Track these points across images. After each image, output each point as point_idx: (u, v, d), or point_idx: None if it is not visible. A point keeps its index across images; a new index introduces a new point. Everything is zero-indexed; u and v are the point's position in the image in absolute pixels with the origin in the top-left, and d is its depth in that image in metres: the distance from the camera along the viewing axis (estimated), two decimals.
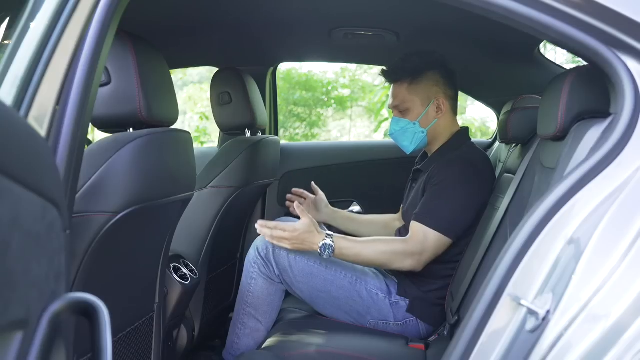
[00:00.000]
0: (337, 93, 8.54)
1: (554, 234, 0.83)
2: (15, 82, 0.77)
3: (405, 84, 1.70)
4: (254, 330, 1.69)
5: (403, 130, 1.72)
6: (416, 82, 1.69)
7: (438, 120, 1.71)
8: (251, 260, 1.68)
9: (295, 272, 1.65)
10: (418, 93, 1.69)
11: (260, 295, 1.68)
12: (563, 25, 0.87)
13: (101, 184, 1.05)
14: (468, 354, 0.84)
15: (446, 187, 1.59)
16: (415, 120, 1.70)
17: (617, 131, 0.85)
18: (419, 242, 1.56)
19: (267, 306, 1.69)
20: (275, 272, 1.66)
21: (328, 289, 1.65)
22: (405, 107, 1.70)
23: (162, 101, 1.20)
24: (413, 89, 1.69)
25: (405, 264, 1.56)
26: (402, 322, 1.65)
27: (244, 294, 1.70)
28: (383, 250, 1.58)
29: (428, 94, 1.70)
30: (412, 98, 1.70)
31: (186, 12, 1.72)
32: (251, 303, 1.69)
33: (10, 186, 0.48)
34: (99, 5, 0.83)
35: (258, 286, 1.68)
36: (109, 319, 0.55)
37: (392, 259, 1.57)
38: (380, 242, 1.61)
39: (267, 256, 1.66)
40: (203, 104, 8.68)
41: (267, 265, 1.66)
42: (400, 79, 1.70)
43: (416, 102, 1.69)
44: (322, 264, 1.66)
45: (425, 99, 1.70)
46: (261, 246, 1.67)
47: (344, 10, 1.75)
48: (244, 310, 1.70)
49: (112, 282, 1.18)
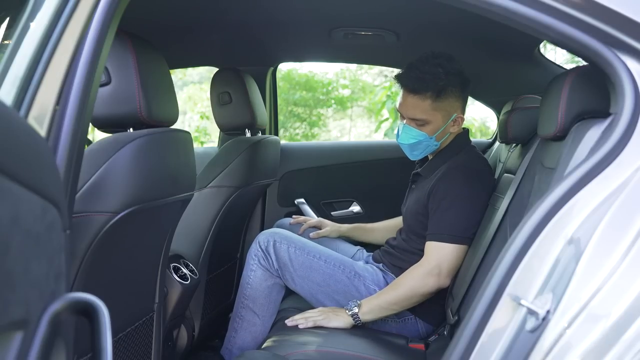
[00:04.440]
0: (337, 93, 8.54)
1: (554, 234, 0.83)
2: (15, 82, 0.77)
3: (429, 100, 1.59)
4: (250, 323, 1.71)
5: (418, 142, 1.65)
6: (441, 98, 1.60)
7: (451, 133, 1.68)
8: (252, 253, 1.71)
9: (296, 265, 1.66)
10: (441, 109, 1.61)
11: (258, 287, 1.70)
12: (563, 25, 0.87)
13: (101, 184, 1.05)
14: (468, 354, 0.84)
15: (452, 197, 1.58)
16: (432, 135, 1.64)
17: (617, 131, 0.85)
18: (433, 259, 1.55)
19: (265, 299, 1.70)
20: (274, 266, 1.68)
21: (327, 282, 1.67)
22: (425, 122, 1.62)
23: (162, 101, 1.20)
24: (437, 106, 1.60)
25: (429, 284, 1.54)
26: (400, 320, 1.66)
27: (243, 287, 1.73)
28: (401, 283, 1.57)
29: (450, 110, 1.63)
30: (434, 114, 1.61)
31: (186, 12, 1.72)
32: (249, 295, 1.70)
33: (10, 186, 0.48)
34: (99, 5, 0.83)
35: (257, 278, 1.70)
36: (109, 319, 0.55)
37: (414, 285, 1.55)
38: (397, 280, 1.61)
39: (267, 249, 1.68)
40: (203, 104, 8.68)
41: (267, 258, 1.69)
42: (424, 92, 1.59)
43: (438, 118, 1.62)
44: (321, 258, 1.68)
45: (446, 115, 1.63)
46: (262, 240, 1.70)
47: (344, 10, 1.75)
48: (242, 304, 1.72)
49: (112, 282, 1.19)
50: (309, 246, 1.70)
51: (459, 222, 1.57)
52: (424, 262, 1.57)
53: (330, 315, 1.57)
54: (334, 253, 1.74)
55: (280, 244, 1.67)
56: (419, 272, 1.56)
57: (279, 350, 1.40)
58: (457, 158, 1.68)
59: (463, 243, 1.56)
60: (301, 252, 1.67)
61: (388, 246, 1.83)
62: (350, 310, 1.56)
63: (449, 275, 1.56)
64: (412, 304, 1.58)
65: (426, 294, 1.56)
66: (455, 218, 1.57)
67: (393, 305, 1.57)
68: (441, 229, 1.57)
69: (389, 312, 1.58)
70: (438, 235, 1.57)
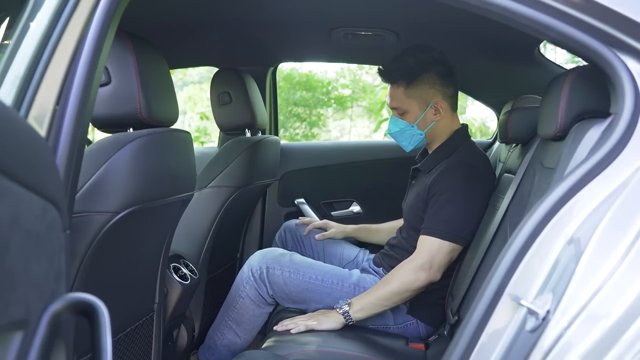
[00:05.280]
0: (338, 93, 8.54)
1: (554, 234, 0.83)
2: (15, 82, 0.77)
3: (401, 87, 1.67)
4: (231, 342, 1.71)
5: (401, 131, 1.71)
6: (412, 86, 1.66)
7: (436, 122, 1.70)
8: (244, 279, 1.67)
9: (291, 288, 1.65)
10: (415, 97, 1.67)
11: (244, 314, 1.68)
12: (563, 25, 0.87)
13: (101, 184, 1.05)
14: (468, 354, 0.84)
15: (451, 195, 1.58)
16: (413, 123, 1.68)
17: (617, 131, 0.85)
18: (425, 253, 1.55)
19: (249, 324, 1.70)
20: (268, 293, 1.66)
21: (326, 301, 1.65)
22: (403, 110, 1.69)
23: (162, 101, 1.20)
24: (410, 93, 1.67)
25: (421, 278, 1.54)
26: (402, 325, 1.65)
27: (229, 307, 1.70)
28: (392, 279, 1.56)
29: (425, 98, 1.67)
30: (409, 101, 1.67)
31: (186, 12, 1.72)
32: (234, 318, 1.69)
33: (10, 186, 0.48)
34: (99, 5, 0.83)
35: (244, 306, 1.68)
36: (109, 319, 0.55)
37: (405, 280, 1.54)
38: (388, 275, 1.61)
39: (260, 277, 1.65)
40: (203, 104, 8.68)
41: (259, 287, 1.66)
42: (396, 81, 1.68)
43: (414, 106, 1.67)
44: (317, 278, 1.66)
45: (423, 103, 1.67)
46: (255, 266, 1.66)
47: (344, 10, 1.75)
48: (226, 323, 1.71)
49: (112, 282, 1.19)
50: (303, 267, 1.67)
51: (453, 220, 1.56)
52: (415, 256, 1.57)
53: (321, 317, 1.56)
54: (328, 268, 1.71)
55: (274, 270, 1.64)
56: (410, 267, 1.55)
57: (279, 350, 1.40)
58: (458, 154, 1.68)
59: (455, 242, 1.56)
60: (296, 275, 1.64)
61: (388, 247, 1.82)
62: (340, 308, 1.54)
63: (439, 270, 1.56)
64: (403, 300, 1.57)
65: (418, 289, 1.55)
66: (450, 215, 1.57)
67: (385, 302, 1.55)
68: (435, 225, 1.57)
69: (381, 308, 1.57)
70: (432, 230, 1.57)
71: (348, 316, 1.53)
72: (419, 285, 1.54)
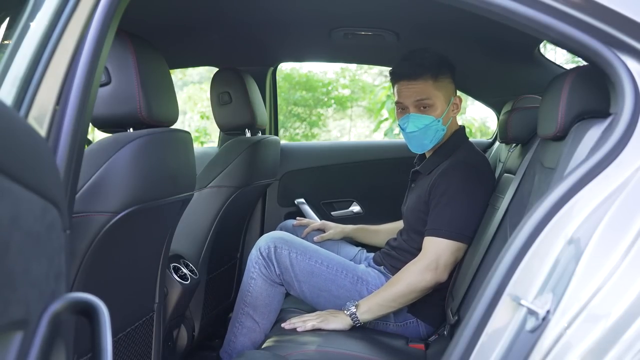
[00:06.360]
0: (337, 93, 8.54)
1: (554, 234, 0.83)
2: (15, 82, 0.77)
3: (429, 81, 1.64)
4: (250, 330, 1.70)
5: (426, 127, 1.66)
6: (439, 79, 1.65)
7: (453, 119, 1.71)
8: (253, 260, 1.69)
9: (297, 270, 1.65)
10: (442, 89, 1.66)
11: (259, 296, 1.68)
12: (563, 25, 0.87)
13: (101, 184, 1.05)
14: (468, 354, 0.84)
15: (452, 194, 1.58)
16: (439, 117, 1.66)
17: (617, 131, 0.85)
18: (431, 254, 1.56)
19: (265, 307, 1.69)
20: (276, 272, 1.67)
21: (329, 287, 1.66)
22: (430, 103, 1.65)
23: (162, 101, 1.20)
24: (438, 86, 1.66)
25: (427, 279, 1.54)
26: (402, 323, 1.65)
27: (243, 293, 1.71)
28: (398, 280, 1.57)
29: (448, 92, 1.68)
30: (437, 94, 1.66)
31: (186, 12, 1.72)
32: (250, 303, 1.69)
33: (10, 186, 0.48)
34: (99, 5, 0.83)
35: (257, 286, 1.68)
36: (109, 319, 0.55)
37: (412, 280, 1.54)
38: (395, 277, 1.61)
39: (268, 256, 1.66)
40: (203, 104, 8.68)
41: (268, 266, 1.67)
42: (422, 75, 1.64)
43: (440, 98, 1.66)
44: (323, 264, 1.67)
45: (447, 96, 1.68)
46: (263, 246, 1.68)
47: (344, 10, 1.75)
48: (242, 310, 1.71)
49: (112, 282, 1.18)
50: (311, 250, 1.69)
51: (456, 219, 1.57)
52: (421, 257, 1.57)
53: (329, 317, 1.56)
54: (335, 257, 1.73)
55: (281, 250, 1.66)
56: (416, 268, 1.55)
57: (279, 350, 1.40)
58: (457, 155, 1.68)
59: (460, 240, 1.56)
60: (302, 257, 1.66)
61: (388, 247, 1.82)
62: (348, 310, 1.55)
63: (446, 270, 1.56)
64: (410, 301, 1.57)
65: (424, 290, 1.56)
66: (453, 215, 1.57)
67: (391, 303, 1.56)
68: (439, 225, 1.57)
69: (387, 309, 1.57)
70: (436, 230, 1.57)
71: (355, 317, 1.54)
72: (425, 286, 1.55)
